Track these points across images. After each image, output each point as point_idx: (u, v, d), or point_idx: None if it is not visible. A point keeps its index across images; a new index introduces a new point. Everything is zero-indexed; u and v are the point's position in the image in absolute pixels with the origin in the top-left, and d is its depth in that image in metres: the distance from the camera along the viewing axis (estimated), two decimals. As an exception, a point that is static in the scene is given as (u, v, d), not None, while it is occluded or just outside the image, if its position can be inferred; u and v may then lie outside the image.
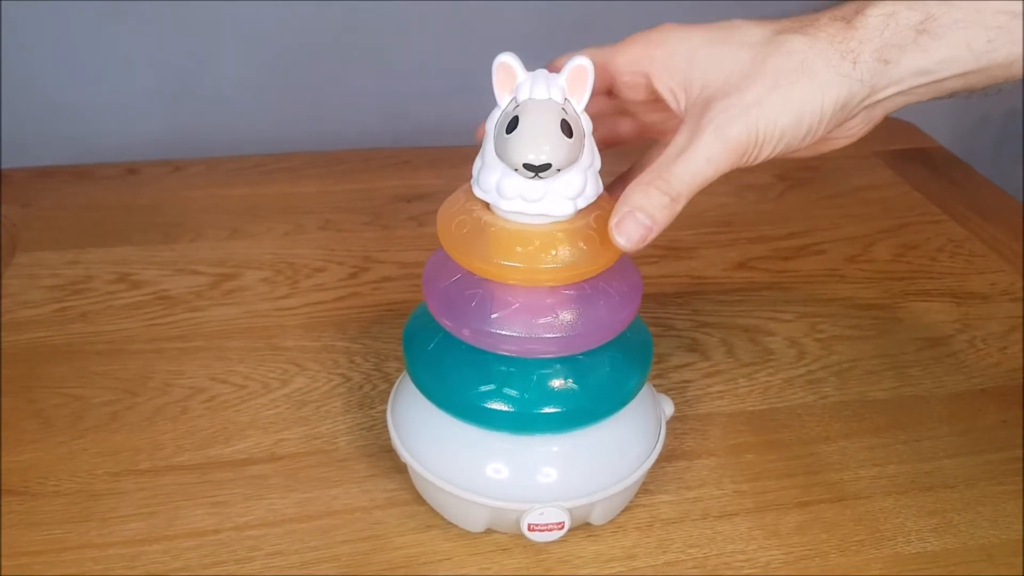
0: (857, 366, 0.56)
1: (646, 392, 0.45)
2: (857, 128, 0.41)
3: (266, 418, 0.51)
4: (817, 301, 0.62)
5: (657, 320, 0.59)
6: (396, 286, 0.63)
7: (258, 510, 0.45)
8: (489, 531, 0.44)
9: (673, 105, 0.41)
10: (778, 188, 0.77)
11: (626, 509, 0.45)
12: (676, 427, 0.51)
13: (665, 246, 0.68)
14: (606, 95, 0.43)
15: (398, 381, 0.47)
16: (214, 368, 0.55)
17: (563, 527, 0.42)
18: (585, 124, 0.37)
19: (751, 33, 0.39)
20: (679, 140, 0.38)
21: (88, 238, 0.67)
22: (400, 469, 0.46)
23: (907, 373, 0.55)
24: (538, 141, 0.35)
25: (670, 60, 0.40)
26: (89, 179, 0.76)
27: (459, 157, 0.77)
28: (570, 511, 0.41)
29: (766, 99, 0.37)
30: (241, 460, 0.48)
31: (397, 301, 0.61)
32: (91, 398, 0.52)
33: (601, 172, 0.38)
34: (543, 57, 0.40)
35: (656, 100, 0.42)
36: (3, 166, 0.78)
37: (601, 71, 0.41)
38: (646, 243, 0.38)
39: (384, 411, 0.47)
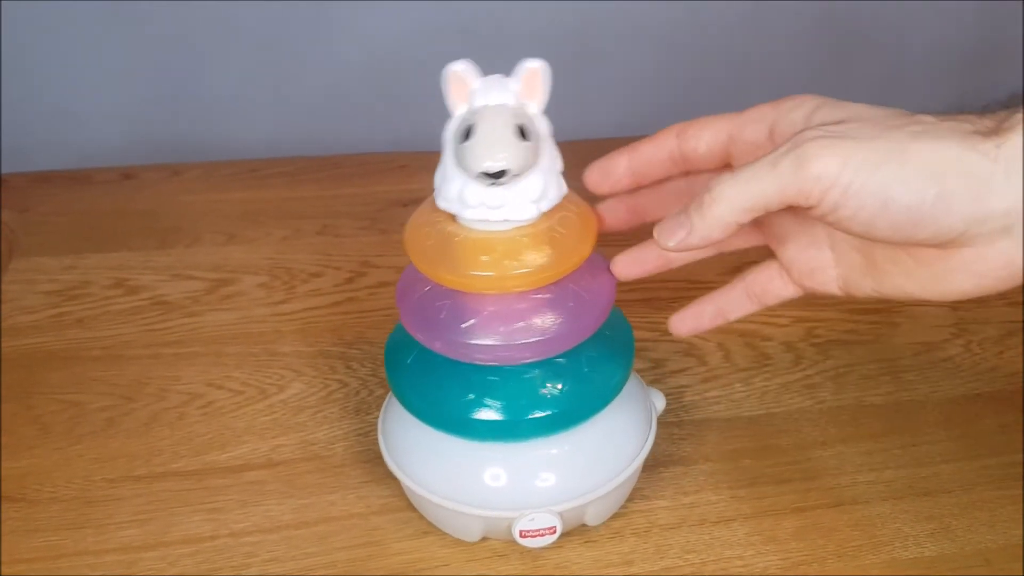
0: (854, 371, 0.56)
1: (635, 387, 0.45)
2: (994, 258, 0.33)
3: (263, 424, 0.51)
4: (813, 306, 0.62)
5: (653, 324, 0.59)
6: (394, 291, 0.63)
7: (255, 516, 0.45)
8: (486, 538, 0.44)
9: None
10: (775, 192, 0.77)
11: (623, 515, 0.45)
12: (673, 432, 0.51)
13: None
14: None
15: (389, 395, 0.47)
16: (211, 374, 0.55)
17: (555, 532, 0.41)
18: (542, 126, 0.37)
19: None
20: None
21: (85, 243, 0.67)
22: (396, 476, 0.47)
23: (904, 378, 0.55)
24: (493, 147, 0.34)
25: (793, 111, 0.36)
26: (86, 184, 0.76)
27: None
28: (561, 515, 0.41)
29: (869, 140, 0.32)
30: (238, 466, 0.48)
31: (394, 306, 0.61)
32: (88, 404, 0.52)
33: (564, 173, 0.38)
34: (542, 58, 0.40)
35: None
36: (1, 171, 0.78)
37: (726, 136, 0.39)
38: (685, 246, 0.35)
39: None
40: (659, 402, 0.47)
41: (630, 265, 0.41)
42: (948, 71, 0.96)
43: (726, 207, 0.34)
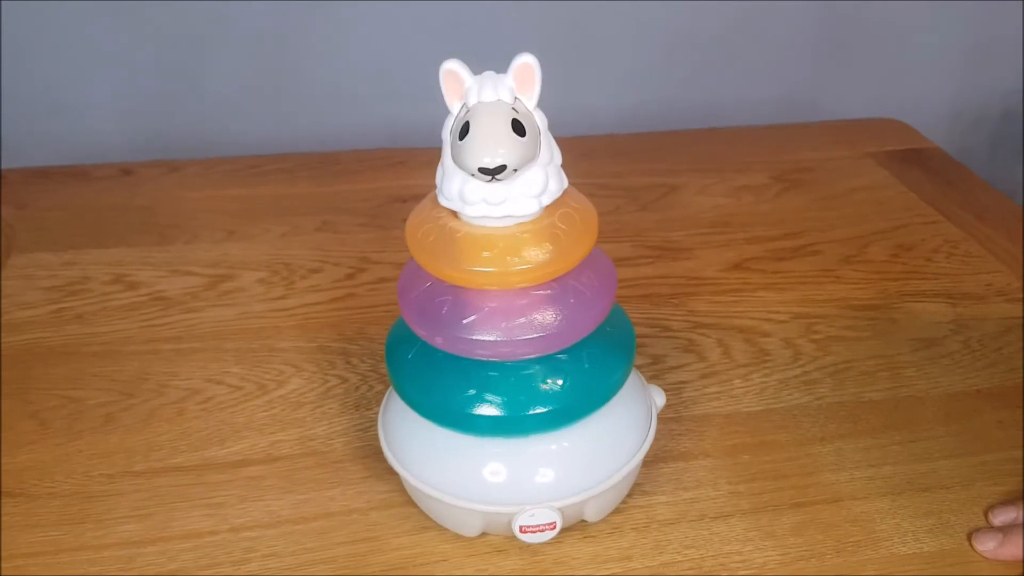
0: (853, 367, 0.56)
1: (635, 384, 0.45)
2: None
3: (262, 419, 0.51)
4: (813, 302, 0.62)
5: (653, 321, 0.59)
6: (392, 287, 0.63)
7: (254, 512, 0.45)
8: (485, 533, 0.44)
9: None
10: (774, 189, 0.77)
11: (622, 510, 0.45)
12: (672, 428, 0.51)
13: (661, 247, 0.68)
14: None
15: (389, 390, 0.47)
16: (210, 369, 0.55)
17: (555, 527, 0.41)
18: (539, 121, 0.36)
19: None
20: None
21: (84, 239, 0.67)
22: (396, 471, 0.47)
23: (903, 374, 0.55)
24: (490, 144, 0.34)
25: None
26: (85, 180, 0.76)
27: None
28: (561, 510, 0.41)
29: None
30: (237, 462, 0.48)
31: (394, 302, 0.61)
32: (87, 399, 0.52)
33: (564, 167, 0.38)
34: (542, 58, 0.40)
35: None
36: (0, 167, 0.78)
37: None
38: (992, 556, 0.43)
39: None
40: (659, 399, 0.47)
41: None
42: (950, 68, 0.96)
43: None
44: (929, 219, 0.73)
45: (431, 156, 0.38)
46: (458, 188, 0.36)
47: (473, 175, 0.35)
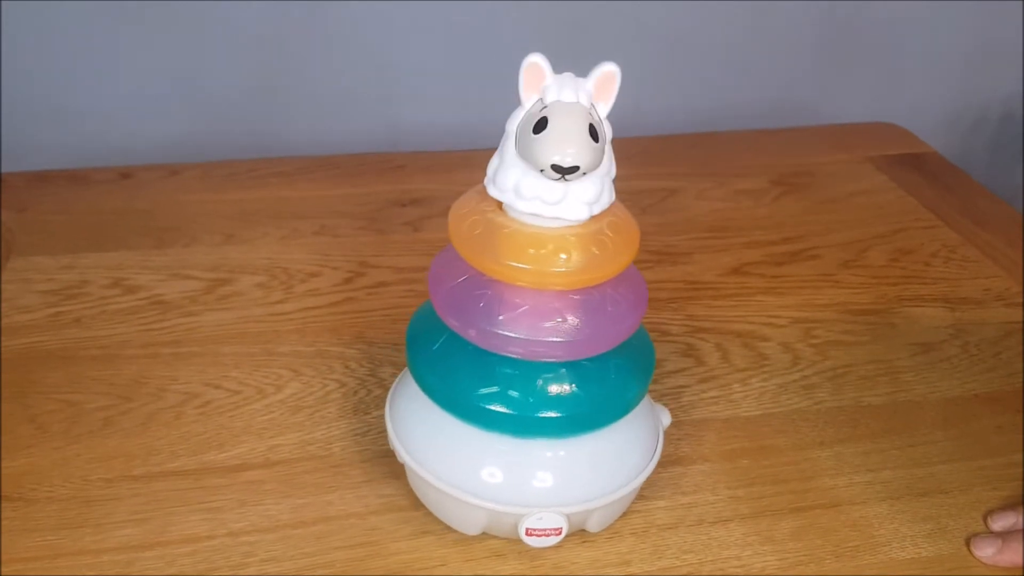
0: (851, 371, 0.56)
1: (645, 402, 0.45)
2: None
3: (260, 424, 0.51)
4: (811, 306, 0.62)
5: (652, 325, 0.59)
6: (391, 291, 0.63)
7: (252, 516, 0.45)
8: (484, 537, 0.44)
9: None
10: (772, 193, 0.77)
11: (621, 515, 0.45)
12: (671, 433, 0.51)
13: (660, 251, 0.68)
14: None
15: (396, 382, 0.47)
16: (208, 373, 0.55)
17: (561, 533, 0.41)
18: (607, 130, 0.37)
19: None
20: None
21: (83, 243, 0.67)
22: (395, 475, 0.46)
23: (901, 378, 0.55)
24: (568, 143, 0.35)
25: None
26: (84, 184, 0.76)
27: (453, 162, 0.77)
28: (568, 517, 0.41)
29: None
30: (235, 466, 0.48)
31: (392, 306, 0.61)
32: (85, 403, 0.52)
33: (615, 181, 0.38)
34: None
35: None
36: (0, 171, 0.78)
37: None
38: (992, 563, 0.43)
39: (379, 416, 0.47)
40: (665, 419, 0.47)
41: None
42: (948, 71, 0.97)
43: None
44: (928, 224, 0.73)
45: (430, 160, 0.38)
46: (515, 181, 0.36)
47: (543, 170, 0.35)
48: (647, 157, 0.83)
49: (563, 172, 0.35)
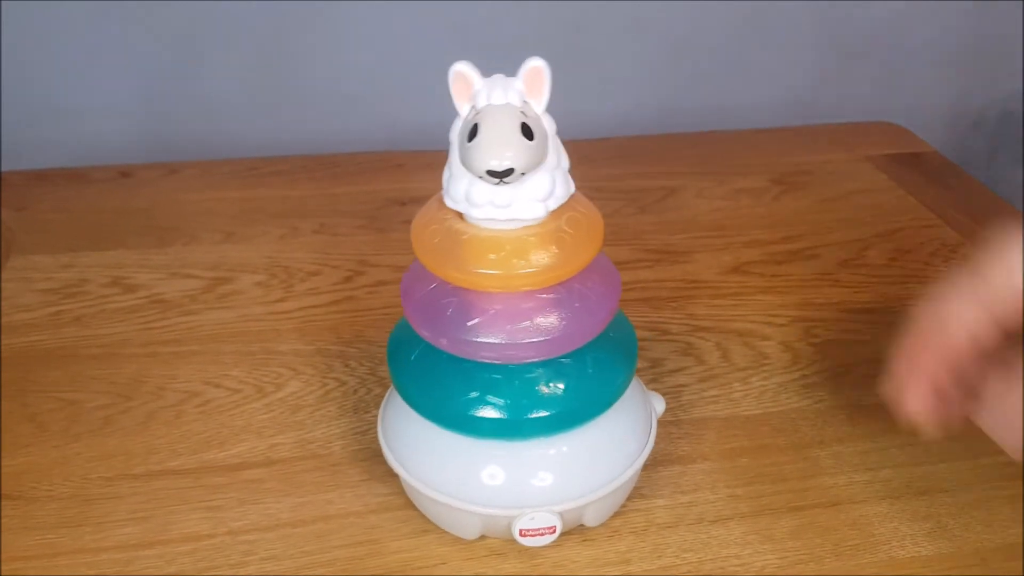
0: (851, 371, 0.56)
1: (635, 390, 0.45)
2: None
3: (260, 422, 0.51)
4: (811, 305, 0.62)
5: (651, 324, 0.59)
6: (391, 290, 0.63)
7: (252, 515, 0.45)
8: (484, 536, 0.44)
9: None
10: (772, 192, 0.77)
11: (621, 513, 0.45)
12: (671, 431, 0.51)
13: (659, 250, 0.68)
14: None
15: (389, 391, 0.47)
16: (208, 372, 0.55)
17: (555, 531, 0.41)
18: (548, 125, 0.37)
19: None
20: None
21: (82, 241, 0.67)
22: (395, 473, 0.46)
23: (901, 377, 0.55)
24: (498, 147, 0.34)
25: None
26: (83, 182, 0.76)
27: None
28: (561, 514, 0.41)
29: None
30: (235, 464, 0.48)
31: (392, 305, 0.61)
32: (85, 402, 0.52)
33: (571, 171, 0.38)
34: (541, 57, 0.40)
35: None
36: (0, 169, 0.78)
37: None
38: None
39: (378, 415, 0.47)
40: (659, 405, 0.47)
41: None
42: (948, 71, 0.97)
43: None
44: (927, 223, 0.73)
45: (430, 159, 0.38)
46: (464, 190, 0.36)
47: (480, 177, 0.35)
48: (647, 156, 0.83)
49: (499, 176, 0.35)
